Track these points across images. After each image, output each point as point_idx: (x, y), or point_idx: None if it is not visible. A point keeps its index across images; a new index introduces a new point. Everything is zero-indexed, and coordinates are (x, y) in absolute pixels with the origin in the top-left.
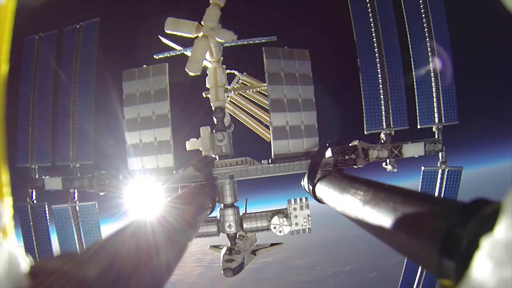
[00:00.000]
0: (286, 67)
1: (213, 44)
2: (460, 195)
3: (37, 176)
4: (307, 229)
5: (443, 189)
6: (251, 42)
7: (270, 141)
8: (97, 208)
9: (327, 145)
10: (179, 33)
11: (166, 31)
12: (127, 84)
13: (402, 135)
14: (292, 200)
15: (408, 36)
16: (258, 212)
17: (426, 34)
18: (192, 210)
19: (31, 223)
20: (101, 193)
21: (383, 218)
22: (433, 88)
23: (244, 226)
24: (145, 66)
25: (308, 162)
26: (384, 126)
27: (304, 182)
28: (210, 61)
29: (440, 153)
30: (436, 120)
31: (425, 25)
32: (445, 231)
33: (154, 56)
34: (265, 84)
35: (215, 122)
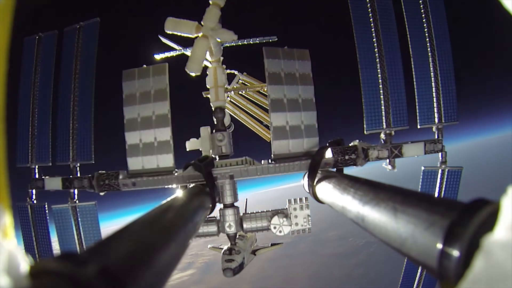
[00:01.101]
0: (286, 67)
1: (213, 44)
2: (460, 195)
3: (37, 176)
4: (307, 229)
5: (443, 189)
6: (251, 42)
7: (270, 141)
8: (97, 208)
9: (327, 145)
10: (179, 33)
11: (166, 31)
12: (127, 84)
13: (402, 135)
14: (292, 200)
15: (408, 36)
16: (258, 212)
17: (426, 34)
18: (192, 210)
19: (31, 223)
20: (101, 193)
21: (383, 218)
22: (433, 88)
23: (244, 226)
24: (145, 66)
25: (308, 162)
26: (384, 126)
27: (304, 182)
28: (210, 61)
29: (440, 153)
30: (436, 120)
31: (425, 25)
32: (445, 231)
33: (155, 56)
34: (265, 84)
35: (215, 122)
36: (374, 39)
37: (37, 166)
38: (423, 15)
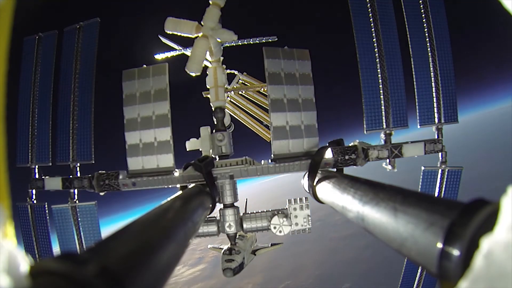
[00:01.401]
0: (286, 67)
1: (213, 44)
2: (460, 195)
3: (37, 176)
4: (307, 229)
5: (443, 189)
6: (251, 42)
7: (270, 141)
8: (97, 208)
9: (327, 145)
10: (179, 33)
11: (166, 31)
12: (127, 84)
13: (402, 135)
14: (292, 200)
15: (408, 36)
16: (258, 212)
17: (426, 34)
18: (192, 210)
19: (31, 223)
20: (101, 193)
21: (383, 218)
22: (433, 88)
23: (244, 226)
24: (145, 66)
25: (308, 162)
26: (384, 126)
27: (304, 182)
28: (210, 61)
29: (440, 153)
30: (436, 120)
31: (425, 25)
32: (445, 231)
33: (155, 56)
34: (265, 84)
35: (215, 122)
36: (374, 39)
37: (37, 166)
38: (423, 15)
